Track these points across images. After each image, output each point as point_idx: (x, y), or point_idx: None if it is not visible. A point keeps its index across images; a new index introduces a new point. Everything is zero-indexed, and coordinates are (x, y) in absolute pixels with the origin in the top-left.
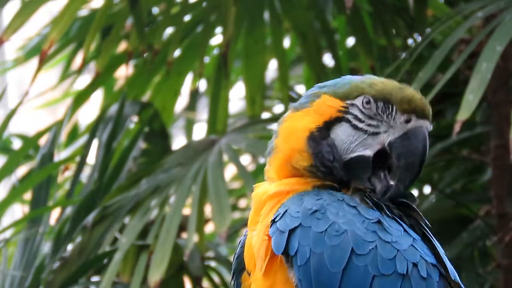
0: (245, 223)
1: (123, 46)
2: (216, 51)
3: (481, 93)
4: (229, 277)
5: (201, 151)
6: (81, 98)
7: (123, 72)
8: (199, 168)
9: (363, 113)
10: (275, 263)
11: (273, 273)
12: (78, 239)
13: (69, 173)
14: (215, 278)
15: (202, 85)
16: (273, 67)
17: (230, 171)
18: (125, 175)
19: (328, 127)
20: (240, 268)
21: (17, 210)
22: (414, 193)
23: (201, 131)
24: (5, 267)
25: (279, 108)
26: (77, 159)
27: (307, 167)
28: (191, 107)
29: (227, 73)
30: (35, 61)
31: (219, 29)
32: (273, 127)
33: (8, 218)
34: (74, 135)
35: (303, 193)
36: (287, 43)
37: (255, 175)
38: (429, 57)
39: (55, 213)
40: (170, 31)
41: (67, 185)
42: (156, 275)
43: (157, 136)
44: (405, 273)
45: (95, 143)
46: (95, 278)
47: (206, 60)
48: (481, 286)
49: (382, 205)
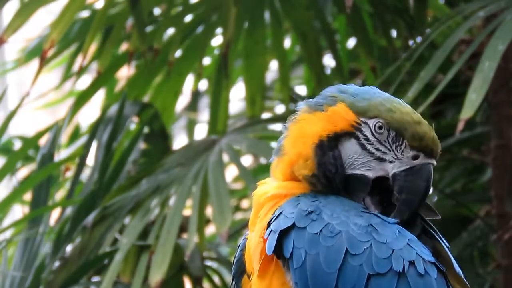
0: (247, 224)
1: (124, 46)
2: (216, 52)
3: (484, 92)
4: (229, 278)
5: (201, 151)
6: (82, 98)
7: (124, 72)
8: (199, 168)
9: (374, 136)
10: (271, 266)
11: (269, 276)
12: (78, 239)
13: (69, 173)
14: (216, 278)
15: (202, 85)
16: (273, 67)
17: (232, 173)
18: (125, 176)
19: (337, 138)
20: (240, 271)
21: (17, 210)
22: None
23: (201, 131)
24: (5, 267)
25: (279, 108)
26: (77, 160)
27: (306, 177)
28: (192, 107)
29: (227, 74)
30: (35, 62)
31: (219, 30)
32: (276, 126)
33: (8, 218)
34: (75, 135)
35: (300, 195)
36: (287, 43)
37: (256, 175)
38: (429, 57)
39: (55, 213)
40: (171, 32)
41: (67, 185)
42: (156, 276)
43: (158, 136)
44: (401, 271)
45: (95, 144)
46: (95, 278)
47: (207, 60)
48: (481, 286)
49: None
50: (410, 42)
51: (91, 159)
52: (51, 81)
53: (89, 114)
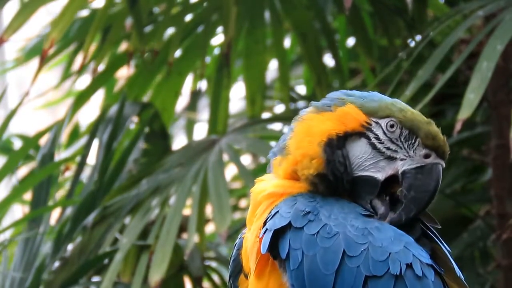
0: (245, 223)
1: (124, 46)
2: (216, 51)
3: (482, 92)
4: None
5: (201, 151)
6: (82, 98)
7: (124, 72)
8: (199, 168)
9: (385, 135)
10: (267, 265)
11: (266, 276)
12: (78, 239)
13: (69, 173)
14: (216, 278)
15: (203, 85)
16: (273, 67)
17: (231, 171)
18: (126, 176)
19: (346, 138)
20: (236, 271)
21: (17, 210)
22: None
23: (201, 131)
24: (5, 267)
25: (279, 108)
26: (78, 159)
27: (309, 176)
28: (192, 107)
29: (229, 73)
30: (35, 61)
31: (219, 29)
32: (276, 126)
33: (8, 218)
34: (75, 135)
35: (297, 195)
36: (287, 43)
37: (256, 175)
38: (428, 57)
39: (55, 213)
40: (171, 31)
41: (67, 185)
42: (156, 275)
43: (158, 136)
44: (398, 274)
45: (95, 143)
46: (95, 278)
47: (206, 60)
48: (481, 286)
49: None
50: (410, 42)
51: (91, 159)
52: (52, 80)
53: (89, 113)
